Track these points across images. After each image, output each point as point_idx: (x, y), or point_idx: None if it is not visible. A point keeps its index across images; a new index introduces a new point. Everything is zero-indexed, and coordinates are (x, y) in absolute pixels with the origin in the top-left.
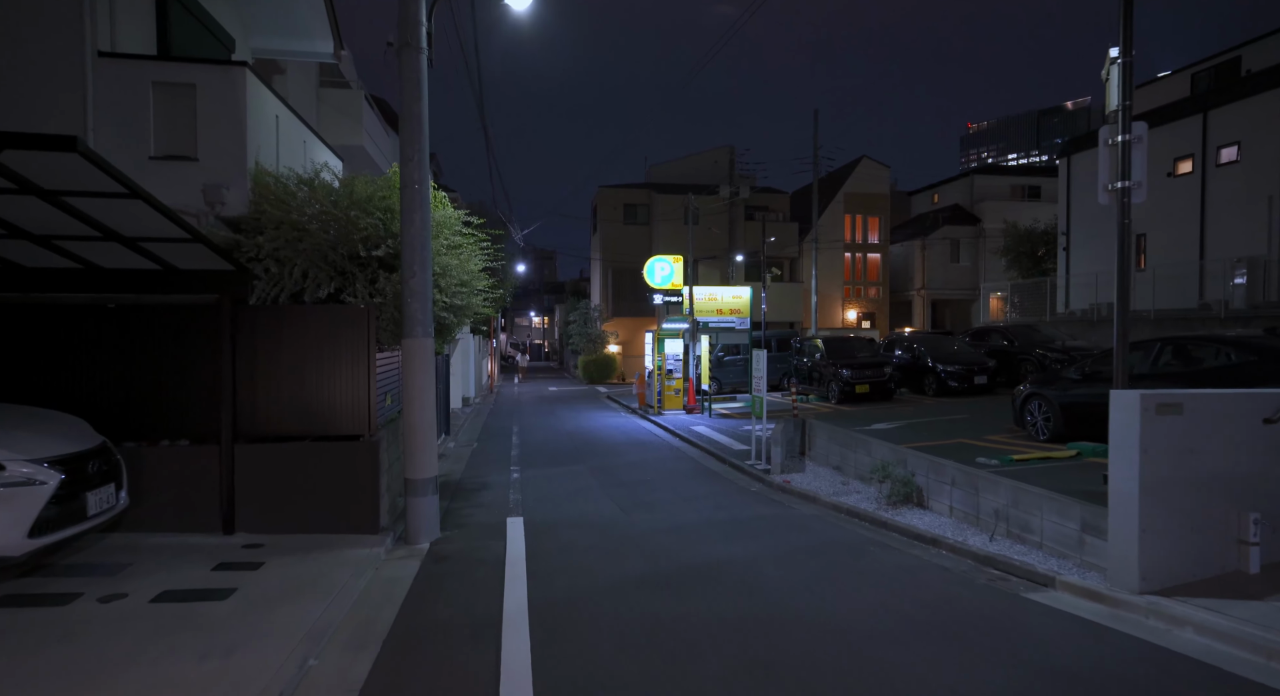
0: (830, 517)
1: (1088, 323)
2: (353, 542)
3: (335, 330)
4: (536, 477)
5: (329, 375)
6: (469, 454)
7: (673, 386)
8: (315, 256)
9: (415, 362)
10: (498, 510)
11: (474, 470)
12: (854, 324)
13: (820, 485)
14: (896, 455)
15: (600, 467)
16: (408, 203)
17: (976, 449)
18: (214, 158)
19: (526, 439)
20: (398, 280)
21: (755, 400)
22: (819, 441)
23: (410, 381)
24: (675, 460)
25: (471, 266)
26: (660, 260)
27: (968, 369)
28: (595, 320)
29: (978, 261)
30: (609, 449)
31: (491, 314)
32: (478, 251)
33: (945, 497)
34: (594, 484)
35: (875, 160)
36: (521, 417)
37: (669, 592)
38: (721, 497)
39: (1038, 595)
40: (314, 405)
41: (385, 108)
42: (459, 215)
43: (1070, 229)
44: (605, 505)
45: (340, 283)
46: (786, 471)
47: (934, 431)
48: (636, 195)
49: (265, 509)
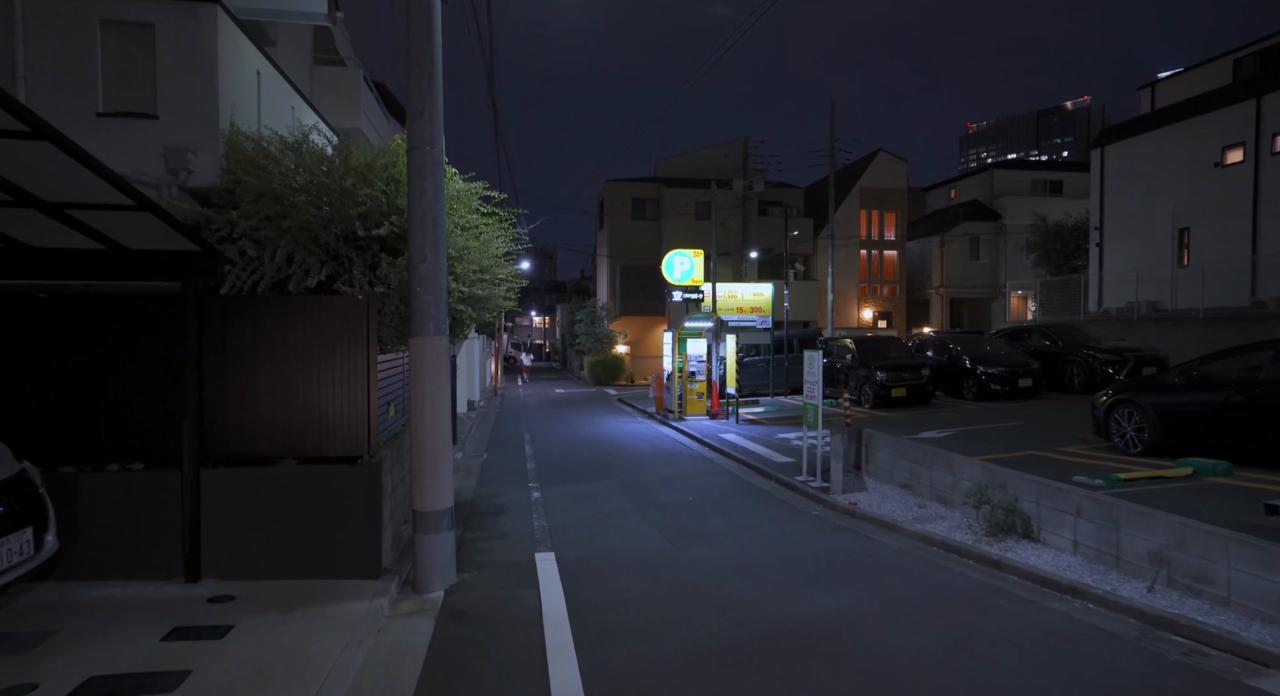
0: (922, 552)
1: (1125, 322)
2: (348, 591)
3: (327, 326)
4: (560, 497)
5: (319, 382)
6: (479, 466)
7: (695, 390)
8: (302, 236)
9: (426, 366)
10: (522, 541)
11: (487, 487)
12: (870, 323)
13: (894, 509)
14: (992, 475)
15: (631, 484)
16: (417, 168)
17: (1056, 463)
18: (178, 115)
19: (541, 448)
20: (404, 265)
21: (807, 407)
22: (880, 455)
23: (420, 389)
24: (713, 475)
25: (494, 250)
26: (680, 254)
27: (1011, 371)
28: (602, 319)
29: (998, 259)
30: (635, 461)
31: (514, 308)
32: (500, 233)
33: (1066, 530)
34: (628, 505)
35: (892, 154)
36: (531, 423)
37: (764, 674)
38: (784, 524)
39: (1265, 682)
40: (300, 419)
41: (385, 93)
42: (478, 188)
43: (1104, 223)
44: (648, 534)
45: (333, 269)
46: (848, 491)
47: (993, 441)
48: (645, 189)
49: (239, 549)
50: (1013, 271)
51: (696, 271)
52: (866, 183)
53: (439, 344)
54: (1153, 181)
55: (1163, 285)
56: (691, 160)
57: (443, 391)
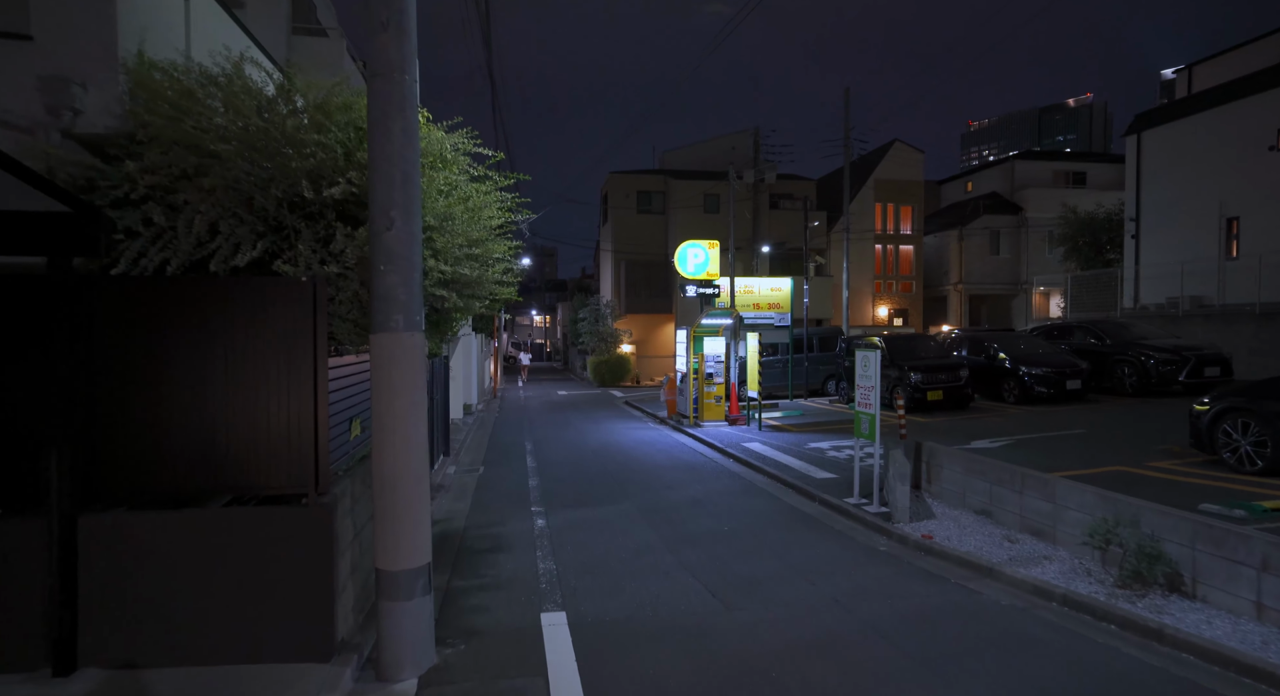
0: (1043, 612)
1: (1167, 318)
2: (287, 683)
3: (261, 319)
4: (569, 525)
5: (250, 394)
6: (474, 483)
7: (713, 393)
8: (231, 200)
9: (394, 372)
10: (524, 593)
11: (483, 511)
12: (885, 321)
13: (979, 544)
14: (1114, 506)
15: (652, 508)
16: (380, 101)
17: (1155, 483)
18: (61, 37)
19: (545, 460)
20: (365, 238)
21: (861, 417)
22: (948, 473)
23: (386, 404)
24: (747, 495)
25: (487, 220)
26: (693, 245)
27: (1058, 372)
28: (606, 317)
29: (1019, 253)
30: (653, 476)
31: (514, 297)
32: (495, 200)
33: (1241, 586)
34: (653, 538)
35: (908, 144)
36: (534, 430)
37: None
38: (850, 566)
39: None
40: (223, 445)
41: None
42: (467, 143)
43: (1140, 214)
44: (684, 582)
45: (274, 243)
46: (915, 518)
47: (1061, 454)
48: (651, 181)
49: (133, 626)
50: (1035, 266)
51: (712, 264)
52: (882, 174)
53: (410, 343)
54: (1196, 168)
55: (1208, 279)
56: (698, 152)
57: (416, 407)
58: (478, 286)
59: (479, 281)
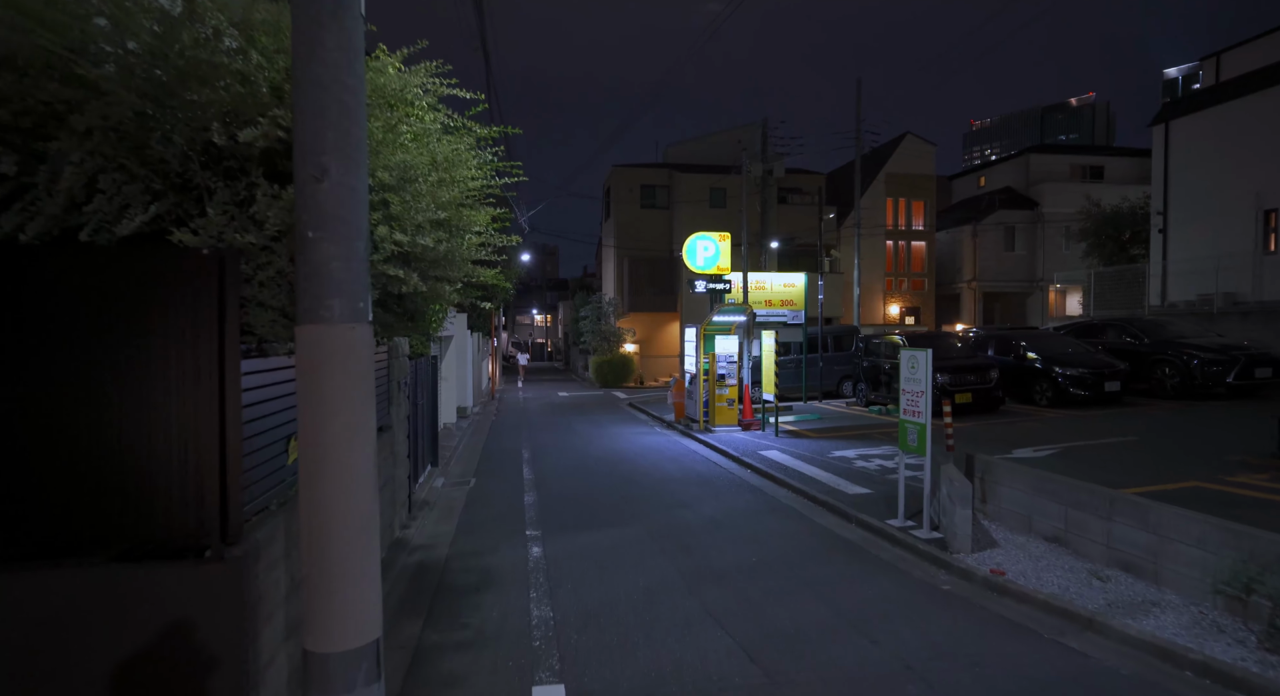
0: (1177, 684)
1: (1200, 316)
2: None
3: (149, 307)
4: (570, 555)
5: (132, 410)
6: (463, 499)
7: (725, 395)
8: (115, 147)
9: (330, 379)
10: (513, 656)
11: (470, 536)
12: (896, 320)
13: (1061, 582)
14: (1243, 540)
15: (666, 531)
16: (306, 8)
17: (1241, 502)
18: None
19: (544, 471)
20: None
21: (908, 427)
22: (1008, 491)
23: (320, 424)
24: (772, 514)
25: (462, 180)
26: (703, 237)
27: (1095, 373)
28: (609, 315)
29: (1035, 250)
30: (664, 491)
31: (499, 282)
32: (473, 159)
33: None
34: (670, 573)
35: (920, 137)
36: (532, 435)
37: None
38: (913, 614)
39: None
40: (93, 476)
41: None
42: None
43: (1168, 207)
44: (713, 640)
45: (177, 206)
46: (978, 547)
47: (1117, 465)
48: (655, 175)
49: None
50: (1051, 263)
51: (722, 258)
52: (893, 168)
53: (352, 339)
54: (1229, 159)
55: (1242, 274)
56: (703, 145)
57: (362, 430)
58: (448, 265)
59: (449, 258)
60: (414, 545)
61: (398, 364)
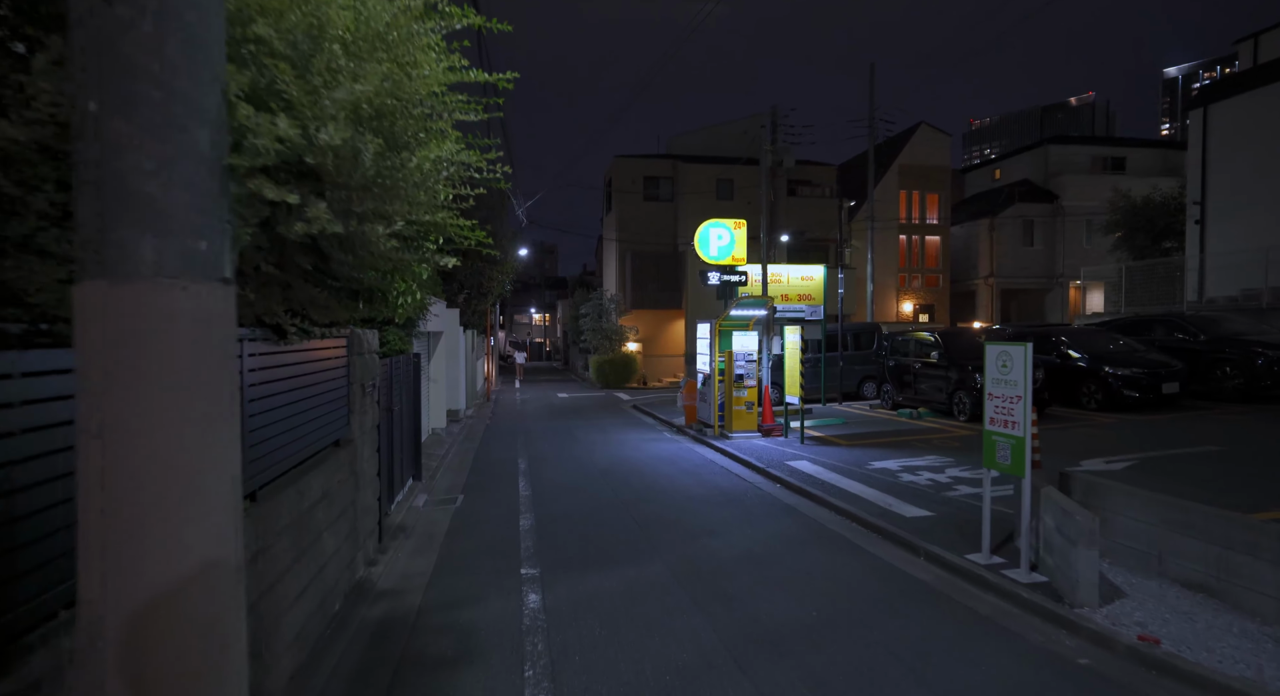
0: None
1: (1246, 312)
2: None
3: None
4: (576, 607)
5: None
6: (446, 523)
7: (743, 398)
8: None
9: (142, 383)
10: None
11: (451, 577)
12: (910, 317)
13: (1229, 650)
14: None
15: (693, 569)
16: None
17: None
18: None
19: (543, 487)
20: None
21: (995, 441)
22: (1124, 521)
23: (124, 475)
24: (820, 545)
25: (407, 57)
26: (716, 225)
27: (1150, 373)
28: (611, 312)
29: (1055, 244)
30: (685, 511)
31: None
32: (431, 25)
33: None
34: (707, 635)
35: (935, 127)
36: (530, 443)
37: None
38: None
39: None
40: None
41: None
42: None
43: (1206, 197)
44: None
45: None
46: (1104, 600)
47: (1215, 481)
48: (658, 166)
49: None
50: (1071, 258)
51: (737, 247)
52: (907, 159)
53: (178, 306)
54: (1277, 144)
55: None
56: (708, 136)
57: (209, 490)
58: (383, 192)
59: (382, 180)
60: (379, 589)
61: (362, 362)
